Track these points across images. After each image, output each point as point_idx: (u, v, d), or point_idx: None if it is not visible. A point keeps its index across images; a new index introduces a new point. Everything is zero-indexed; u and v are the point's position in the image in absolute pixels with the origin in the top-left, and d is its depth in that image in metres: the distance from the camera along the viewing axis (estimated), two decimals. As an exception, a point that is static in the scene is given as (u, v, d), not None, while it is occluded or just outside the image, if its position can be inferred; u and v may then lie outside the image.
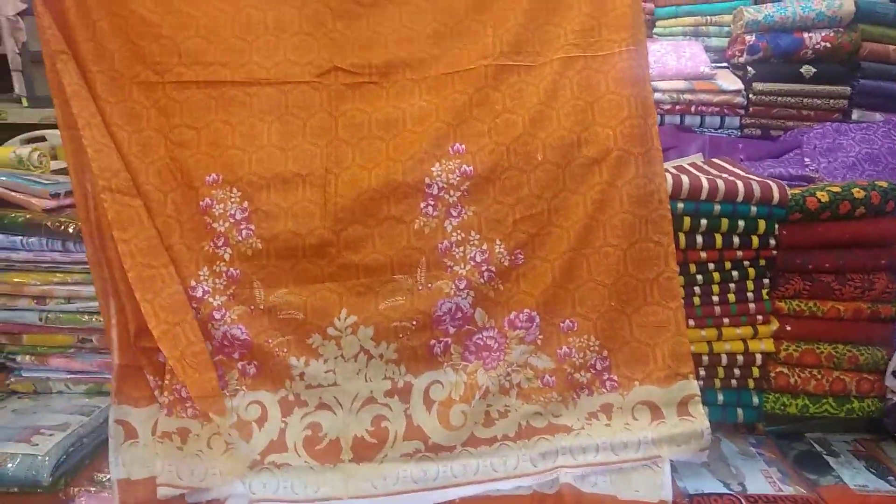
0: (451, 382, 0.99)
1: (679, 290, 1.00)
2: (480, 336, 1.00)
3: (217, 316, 0.98)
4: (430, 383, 0.99)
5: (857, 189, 1.05)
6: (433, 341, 0.99)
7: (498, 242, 1.00)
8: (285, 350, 0.98)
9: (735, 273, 1.05)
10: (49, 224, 1.10)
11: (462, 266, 1.00)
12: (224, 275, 0.99)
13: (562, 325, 1.00)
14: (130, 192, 0.96)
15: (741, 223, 1.02)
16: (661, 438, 0.97)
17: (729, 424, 1.13)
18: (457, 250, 1.00)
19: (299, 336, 0.99)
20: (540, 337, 1.00)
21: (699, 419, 0.97)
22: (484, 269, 1.00)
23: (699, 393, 0.99)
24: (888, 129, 1.46)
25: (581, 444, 0.97)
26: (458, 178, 1.00)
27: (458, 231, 1.00)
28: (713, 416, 1.09)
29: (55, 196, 1.18)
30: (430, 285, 0.99)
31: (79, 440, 1.03)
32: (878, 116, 1.59)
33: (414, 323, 0.99)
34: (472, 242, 1.00)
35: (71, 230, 1.09)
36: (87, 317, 1.13)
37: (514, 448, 0.98)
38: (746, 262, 1.05)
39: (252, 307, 0.98)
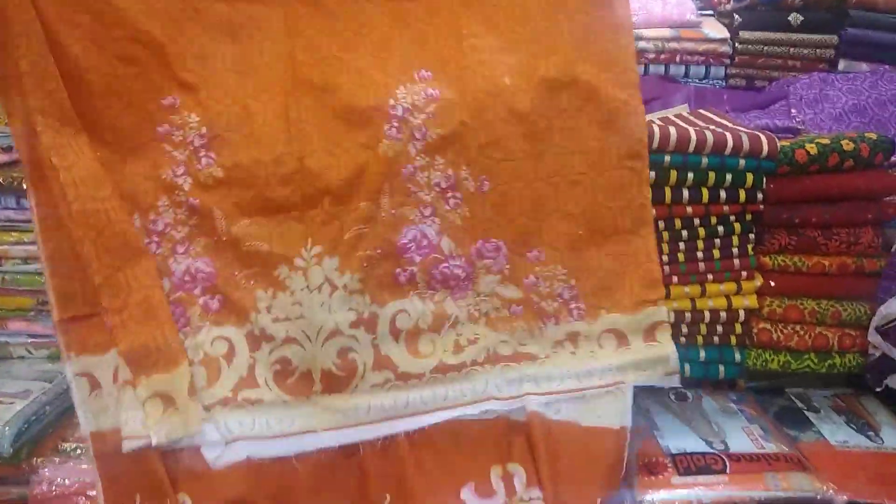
0: (419, 311, 0.97)
1: (651, 217, 0.98)
2: (447, 265, 0.97)
3: (181, 249, 0.94)
4: (396, 312, 0.96)
5: (847, 141, 1.02)
6: (398, 269, 0.96)
7: (464, 168, 0.97)
8: (252, 282, 0.94)
9: (720, 228, 1.02)
10: (1, 180, 1.04)
11: (427, 192, 0.97)
12: (184, 205, 0.93)
13: (529, 254, 0.99)
14: (65, 118, 0.87)
15: (728, 176, 0.99)
16: (626, 364, 0.97)
17: (710, 381, 1.13)
18: (421, 175, 0.96)
19: (266, 268, 0.94)
20: (507, 266, 0.98)
21: (665, 344, 0.97)
22: (449, 195, 0.97)
23: (667, 319, 0.98)
24: (875, 80, 1.43)
25: (546, 372, 0.97)
26: (423, 100, 0.96)
27: (423, 155, 0.96)
28: (695, 372, 1.08)
29: (7, 150, 1.11)
30: (393, 212, 0.96)
31: (41, 408, 0.99)
32: (864, 66, 1.57)
33: (378, 251, 0.95)
34: (436, 167, 0.97)
35: (26, 186, 1.02)
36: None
37: (482, 373, 0.97)
38: (732, 217, 1.02)
39: (215, 238, 0.94)
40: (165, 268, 0.93)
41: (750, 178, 0.99)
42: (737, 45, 1.58)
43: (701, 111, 1.21)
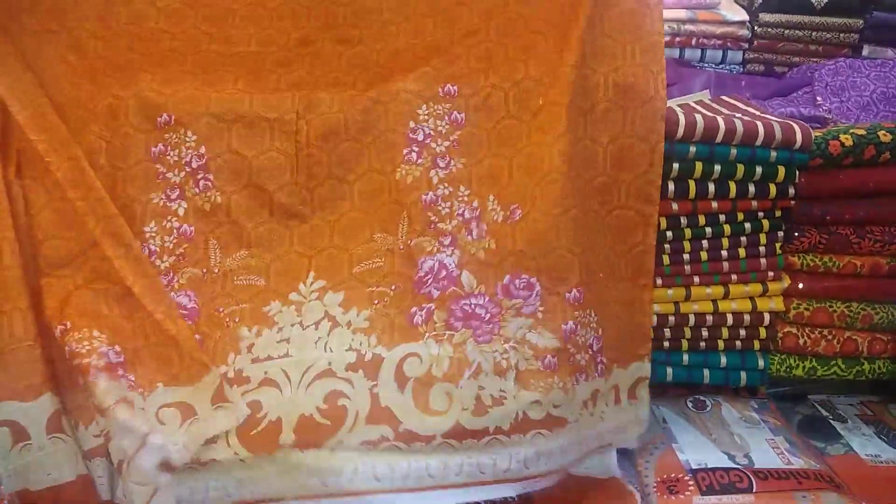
0: (433, 356, 0.81)
1: (651, 266, 0.88)
2: (468, 302, 0.84)
3: (164, 281, 0.85)
4: (405, 356, 0.82)
5: (884, 132, 0.94)
6: (414, 308, 0.84)
7: (491, 198, 0.86)
8: (237, 320, 0.85)
9: (747, 225, 0.94)
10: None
11: (447, 222, 0.86)
12: (175, 231, 0.85)
13: (568, 295, 0.83)
14: (70, 143, 0.83)
15: (759, 169, 0.91)
16: (617, 426, 0.88)
17: (730, 388, 1.06)
18: (443, 205, 0.87)
19: (256, 304, 0.85)
20: (541, 309, 0.83)
21: (642, 404, 0.89)
22: (473, 225, 0.86)
23: (649, 375, 0.90)
24: (904, 67, 1.35)
25: (569, 440, 0.82)
26: (447, 127, 0.87)
27: (445, 184, 0.87)
28: (714, 379, 1.01)
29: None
30: (410, 242, 0.86)
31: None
32: (889, 53, 1.48)
33: (394, 287, 0.85)
34: (460, 198, 0.87)
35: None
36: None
37: (508, 445, 0.80)
38: (761, 213, 0.95)
39: (205, 270, 0.86)
40: None
41: (782, 171, 0.91)
42: (756, 28, 1.50)
43: (724, 98, 1.13)
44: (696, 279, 0.96)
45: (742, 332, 0.99)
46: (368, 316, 0.84)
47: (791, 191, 0.93)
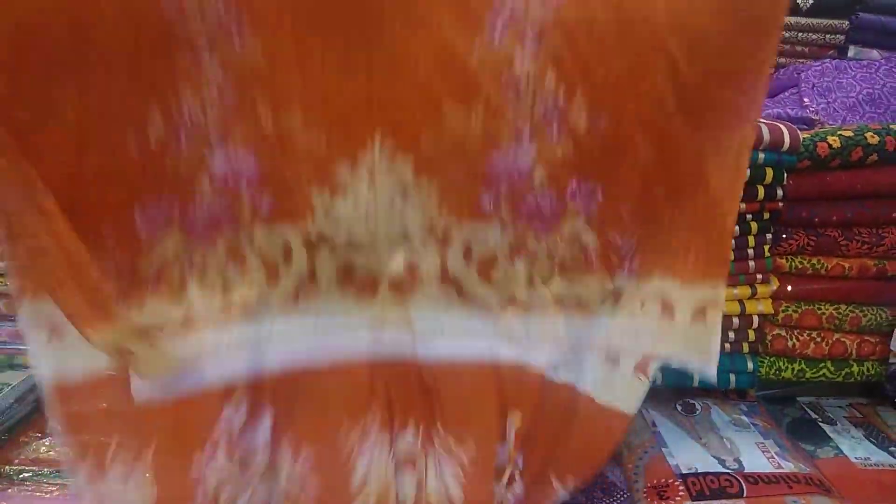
0: (497, 241, 0.85)
1: (739, 192, 0.81)
2: (534, 198, 0.83)
3: (213, 137, 0.76)
4: (473, 235, 0.85)
5: (871, 134, 0.94)
6: (484, 192, 0.83)
7: (579, 93, 0.78)
8: (307, 181, 0.80)
9: (736, 228, 0.94)
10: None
11: (528, 114, 0.79)
12: (214, 87, 0.74)
13: (622, 209, 0.83)
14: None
15: (746, 171, 0.90)
16: (664, 336, 0.84)
17: (719, 391, 1.05)
18: (525, 89, 0.78)
19: (321, 167, 0.79)
20: (595, 211, 0.84)
21: (712, 328, 0.82)
22: (554, 124, 0.79)
23: (723, 303, 0.84)
24: (889, 68, 1.35)
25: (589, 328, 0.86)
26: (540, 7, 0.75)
27: (532, 60, 0.76)
28: (704, 382, 1.01)
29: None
30: (487, 127, 0.79)
31: (-20, 427, 0.89)
32: (875, 54, 1.49)
33: (464, 166, 0.81)
34: (547, 86, 0.78)
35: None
36: (-12, 279, 0.97)
37: (554, 316, 0.86)
38: (749, 216, 0.94)
39: (257, 129, 0.76)
40: (199, 161, 0.76)
41: (770, 173, 0.91)
42: (742, 29, 1.50)
43: (711, 99, 1.12)
44: (685, 282, 0.95)
45: (731, 335, 0.99)
46: (440, 184, 0.81)
47: (779, 193, 0.93)
